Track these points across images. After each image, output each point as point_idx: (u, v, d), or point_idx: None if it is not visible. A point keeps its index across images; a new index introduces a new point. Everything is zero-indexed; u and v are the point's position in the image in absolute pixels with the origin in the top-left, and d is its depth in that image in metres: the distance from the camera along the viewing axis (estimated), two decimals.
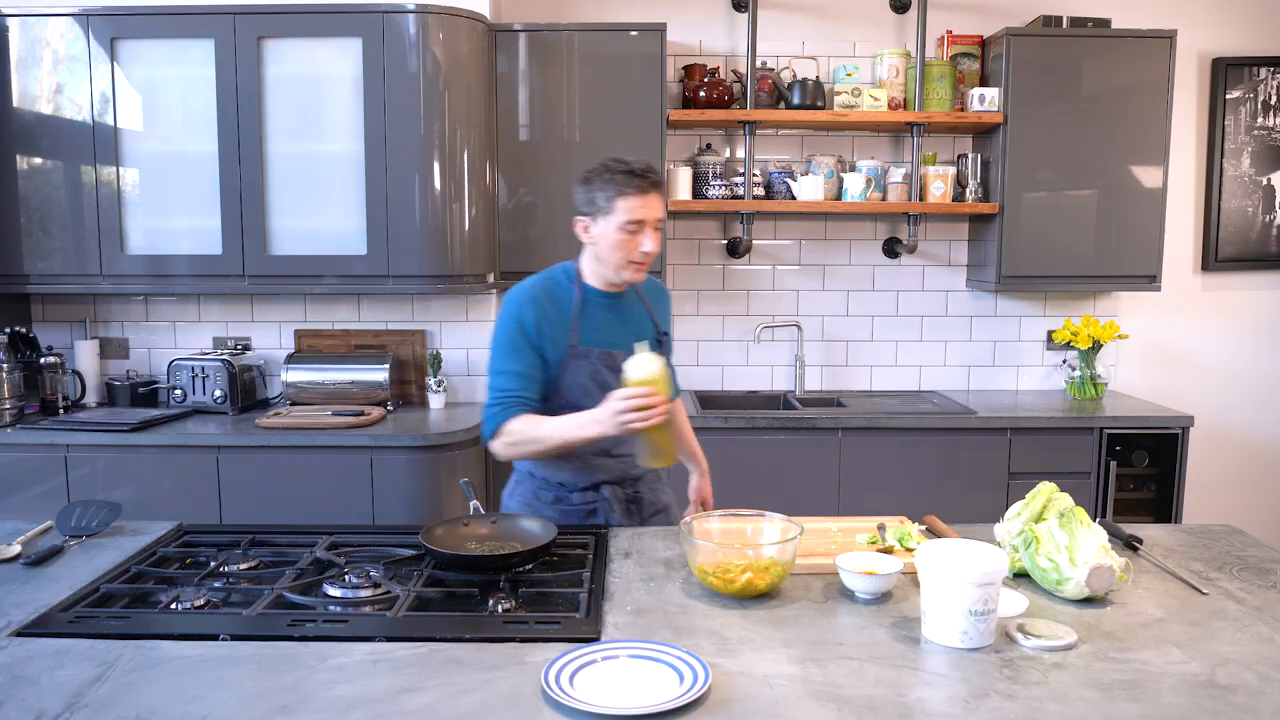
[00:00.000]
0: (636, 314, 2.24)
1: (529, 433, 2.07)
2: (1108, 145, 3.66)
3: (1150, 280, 3.73)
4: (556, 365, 2.13)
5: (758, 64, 3.78)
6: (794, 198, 3.78)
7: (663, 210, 2.11)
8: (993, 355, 4.10)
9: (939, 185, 3.77)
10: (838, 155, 3.88)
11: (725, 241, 4.00)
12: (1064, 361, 4.05)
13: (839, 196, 3.82)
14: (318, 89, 3.40)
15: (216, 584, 1.76)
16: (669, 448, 2.05)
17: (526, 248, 3.64)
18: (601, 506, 2.22)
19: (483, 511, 2.10)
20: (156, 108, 3.42)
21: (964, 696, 1.33)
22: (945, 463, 3.50)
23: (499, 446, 2.12)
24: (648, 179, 2.06)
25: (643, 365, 1.96)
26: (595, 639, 1.51)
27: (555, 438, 2.05)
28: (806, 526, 2.06)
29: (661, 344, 2.26)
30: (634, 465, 2.21)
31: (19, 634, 1.52)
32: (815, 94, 3.71)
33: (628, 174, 2.05)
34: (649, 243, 2.07)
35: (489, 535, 1.97)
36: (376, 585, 1.70)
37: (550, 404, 2.14)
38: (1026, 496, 1.86)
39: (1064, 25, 3.67)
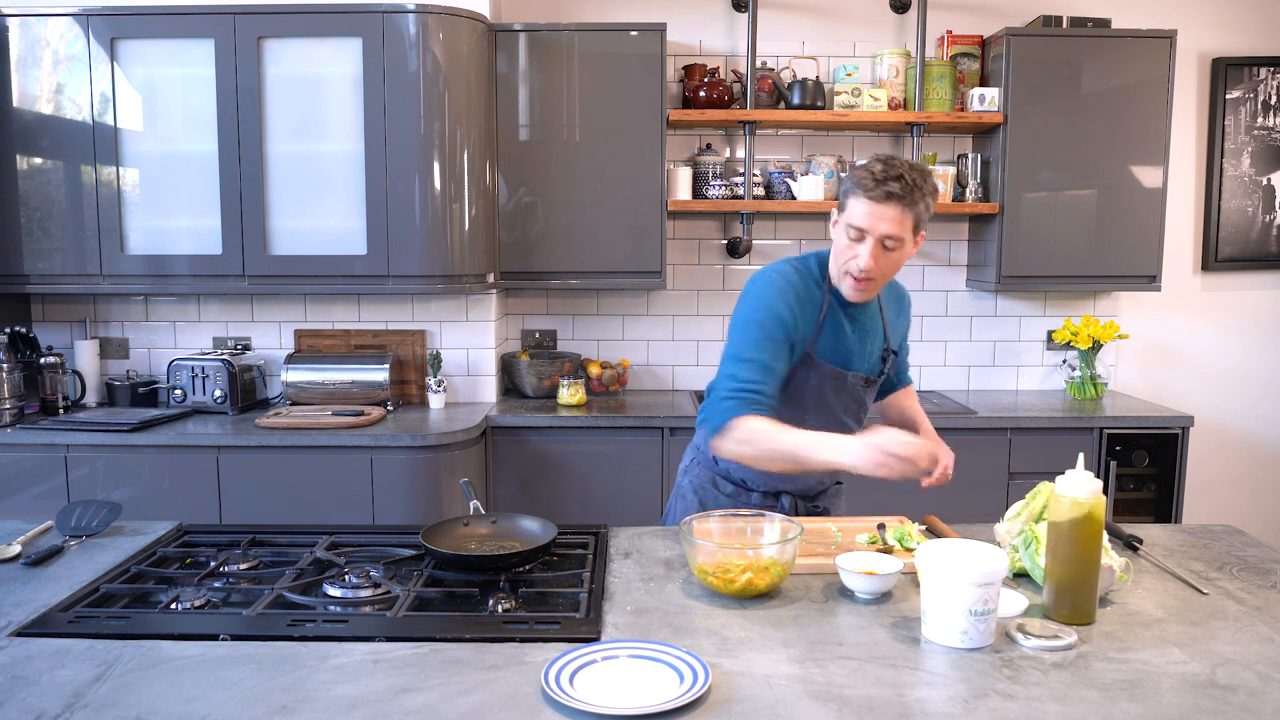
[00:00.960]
0: (875, 329, 2.04)
1: (768, 439, 1.80)
2: (1108, 145, 3.66)
3: (1150, 280, 3.73)
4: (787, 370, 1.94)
5: (758, 64, 3.78)
6: (794, 198, 3.78)
7: (901, 228, 1.83)
8: (993, 355, 4.10)
9: (939, 185, 3.76)
10: (838, 155, 3.88)
11: (725, 241, 4.00)
12: (1064, 361, 4.05)
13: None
14: (318, 89, 3.40)
15: (216, 584, 1.76)
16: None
17: (526, 248, 3.65)
18: (782, 502, 2.13)
19: (483, 511, 2.10)
20: (156, 108, 3.42)
21: (964, 696, 1.33)
22: None
23: (726, 444, 1.87)
24: (886, 187, 1.80)
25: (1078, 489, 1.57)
26: (595, 639, 1.51)
27: (798, 454, 1.77)
28: (806, 526, 2.06)
29: (885, 362, 2.07)
30: (819, 481, 2.11)
31: (19, 634, 1.52)
32: (815, 94, 3.71)
33: (873, 175, 1.83)
34: (865, 259, 1.84)
35: (489, 535, 1.97)
36: (376, 585, 1.70)
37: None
38: (1026, 496, 1.85)
39: (1064, 25, 3.67)
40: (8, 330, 3.48)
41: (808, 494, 2.16)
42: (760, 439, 1.81)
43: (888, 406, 2.28)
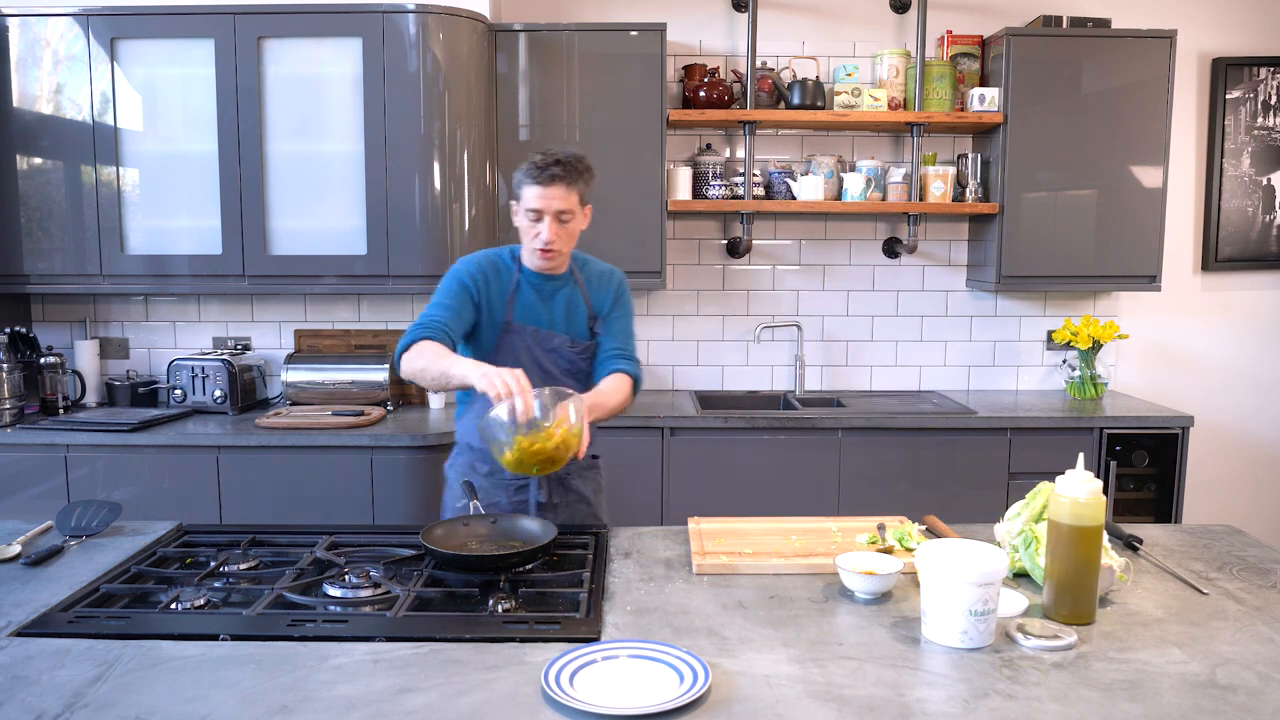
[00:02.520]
0: (573, 297, 2.32)
1: (430, 357, 2.06)
2: (1108, 145, 3.66)
3: (1150, 280, 3.73)
4: (492, 338, 2.26)
5: (758, 64, 3.78)
6: (794, 198, 3.77)
7: (568, 203, 2.17)
8: (993, 355, 4.10)
9: (939, 185, 3.77)
10: (838, 155, 3.88)
11: (725, 241, 4.00)
12: (1064, 361, 4.05)
13: (839, 196, 3.82)
14: (318, 89, 3.40)
15: (216, 584, 1.76)
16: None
17: None
18: (531, 482, 2.28)
19: (482, 511, 2.10)
20: (156, 108, 3.42)
21: (964, 696, 1.33)
22: (945, 463, 3.50)
23: (405, 360, 2.12)
24: (549, 171, 2.14)
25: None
26: (595, 639, 1.51)
27: (445, 369, 2.02)
28: (806, 527, 2.07)
29: (592, 329, 2.32)
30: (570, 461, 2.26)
31: (19, 634, 1.52)
32: (815, 94, 3.71)
33: (535, 165, 2.17)
34: (546, 232, 2.17)
35: (489, 535, 1.97)
36: (376, 585, 1.71)
37: None
38: (1026, 496, 1.85)
39: (1064, 25, 3.67)
40: (8, 330, 3.48)
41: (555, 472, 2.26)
42: (425, 354, 2.07)
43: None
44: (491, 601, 1.64)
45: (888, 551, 1.87)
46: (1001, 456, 3.52)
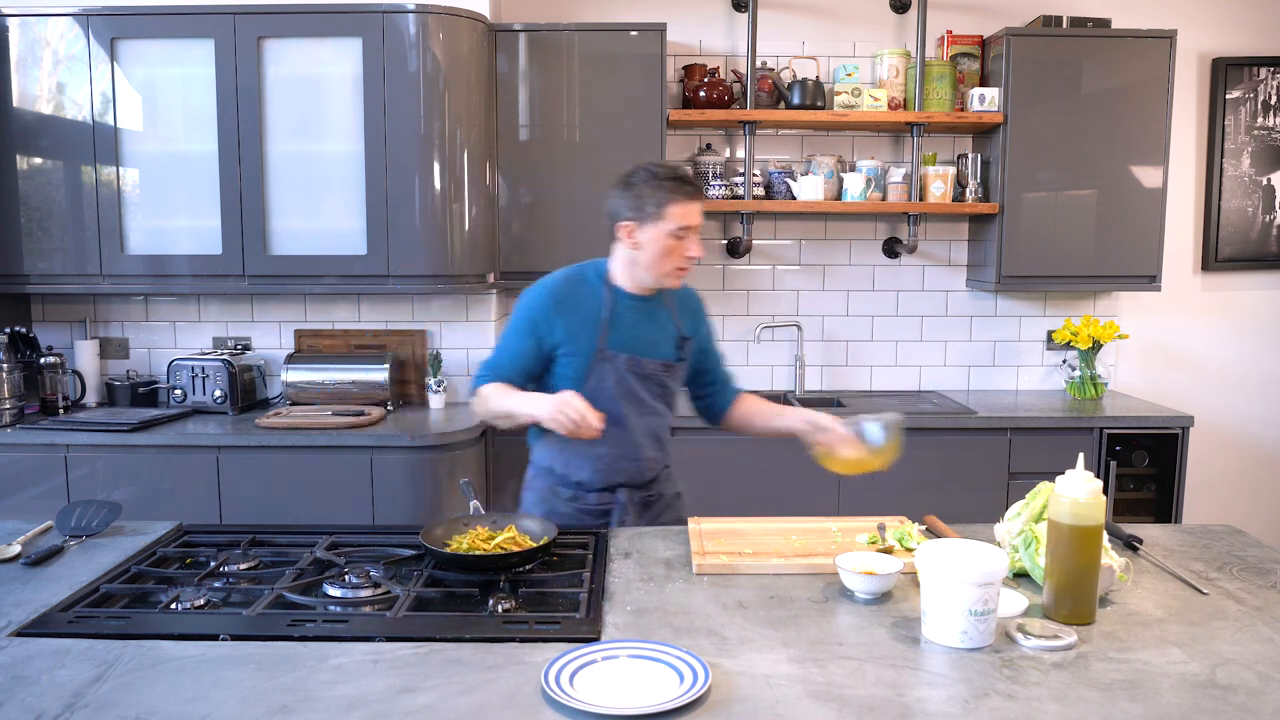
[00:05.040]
0: (663, 318, 2.25)
1: (493, 398, 2.13)
2: (1108, 145, 3.66)
3: (1150, 280, 3.73)
4: (582, 367, 2.15)
5: (758, 64, 3.78)
6: (794, 198, 3.78)
7: (703, 217, 2.17)
8: (993, 355, 4.10)
9: (939, 185, 3.77)
10: (838, 155, 3.88)
11: (725, 241, 4.00)
12: (1064, 361, 4.05)
13: (839, 196, 3.82)
14: (318, 89, 3.40)
15: (216, 584, 1.76)
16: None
17: (526, 248, 3.64)
18: (617, 509, 2.22)
19: (483, 511, 2.10)
20: (156, 108, 3.42)
21: (964, 696, 1.33)
22: (945, 463, 3.50)
23: (474, 403, 2.20)
24: (696, 185, 2.11)
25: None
26: (595, 639, 1.51)
27: (509, 409, 2.10)
28: (806, 527, 2.07)
29: (682, 349, 2.26)
30: (649, 468, 2.24)
31: (19, 634, 1.52)
32: (815, 94, 3.71)
33: (677, 181, 2.08)
34: (695, 248, 2.12)
35: (489, 535, 1.97)
36: (376, 585, 1.70)
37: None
38: (1026, 496, 1.85)
39: (1064, 25, 3.67)
40: (8, 330, 3.48)
41: (638, 484, 2.25)
42: (489, 398, 2.13)
43: (747, 418, 2.38)
44: (491, 601, 1.64)
45: (888, 551, 1.87)
46: (1001, 456, 3.52)
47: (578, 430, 1.96)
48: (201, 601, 1.66)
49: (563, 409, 1.95)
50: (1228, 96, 3.99)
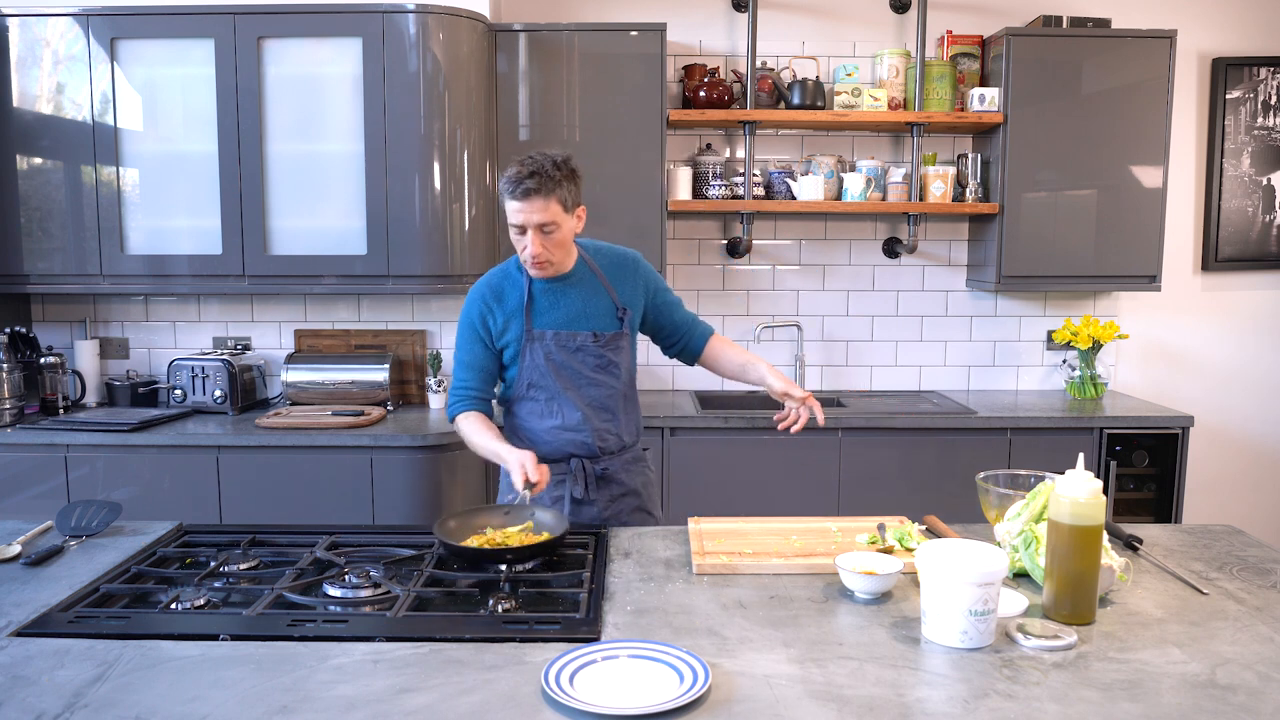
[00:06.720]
0: (592, 293, 2.28)
1: (467, 435, 2.24)
2: (1108, 145, 3.66)
3: (1150, 280, 3.73)
4: (517, 349, 2.25)
5: (758, 64, 3.78)
6: (794, 198, 3.77)
7: (548, 214, 2.09)
8: (993, 355, 4.10)
9: (939, 185, 3.77)
10: (838, 155, 3.88)
11: (725, 241, 4.00)
12: (1064, 361, 4.05)
13: (839, 196, 3.82)
14: (318, 89, 3.40)
15: (216, 584, 1.76)
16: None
17: None
18: (568, 478, 2.27)
19: (527, 503, 2.07)
20: (156, 108, 3.42)
21: (964, 696, 1.33)
22: (945, 463, 3.50)
23: (457, 431, 2.29)
24: (523, 186, 2.07)
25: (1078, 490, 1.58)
26: (595, 639, 1.51)
27: (484, 450, 2.20)
28: (806, 527, 2.07)
29: (623, 318, 2.29)
30: (606, 443, 2.29)
31: (19, 634, 1.52)
32: (815, 94, 3.71)
33: (512, 180, 2.09)
34: (532, 246, 2.12)
35: (502, 526, 1.99)
36: (376, 585, 1.71)
37: (516, 383, 2.28)
38: (1026, 496, 1.85)
39: (1064, 25, 3.67)
40: (8, 330, 3.48)
41: (592, 455, 2.30)
42: (467, 436, 2.24)
43: (715, 363, 2.45)
44: (491, 601, 1.64)
45: (888, 551, 1.87)
46: (1001, 456, 3.51)
47: (534, 485, 2.03)
48: (201, 601, 1.66)
49: (518, 469, 2.03)
50: (1228, 96, 3.99)
